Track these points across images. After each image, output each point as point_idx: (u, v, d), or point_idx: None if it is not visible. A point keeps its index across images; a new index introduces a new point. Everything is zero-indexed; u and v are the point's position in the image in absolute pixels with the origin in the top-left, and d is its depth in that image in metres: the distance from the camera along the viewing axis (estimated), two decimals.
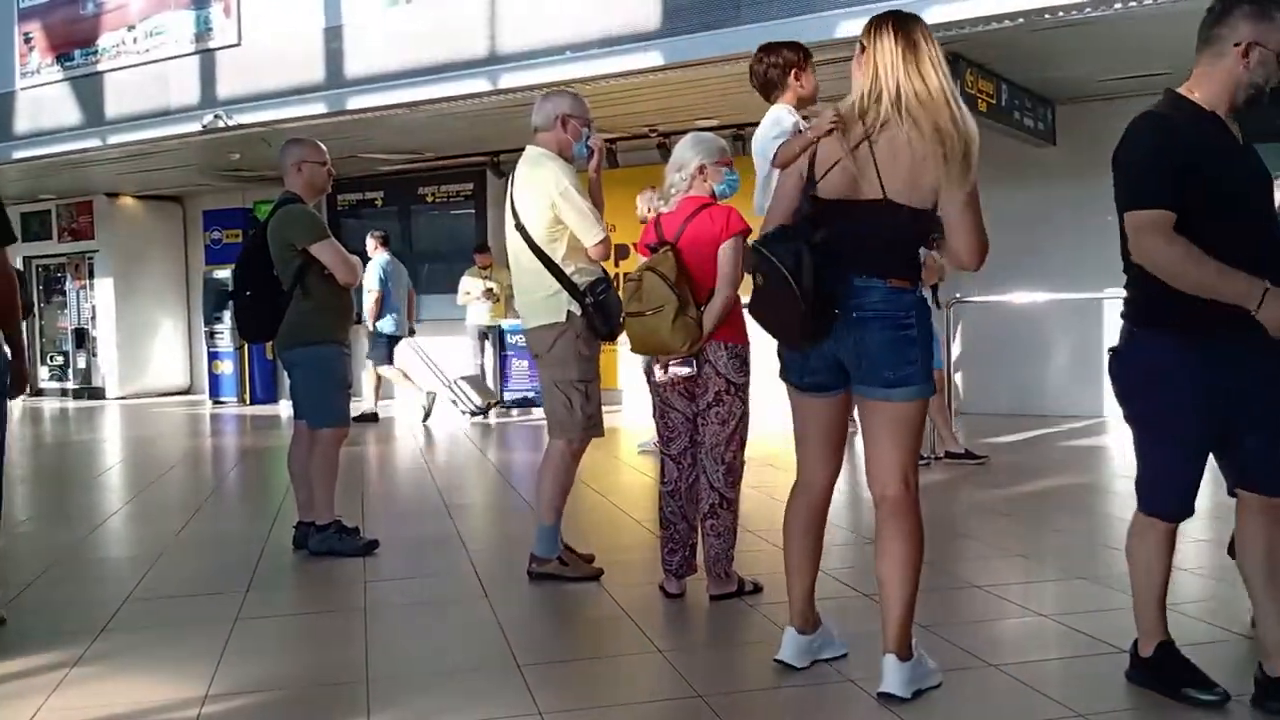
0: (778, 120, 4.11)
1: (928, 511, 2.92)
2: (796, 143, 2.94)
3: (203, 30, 10.11)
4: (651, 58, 7.56)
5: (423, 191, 12.73)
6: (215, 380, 13.33)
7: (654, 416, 3.98)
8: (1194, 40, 2.87)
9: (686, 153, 3.87)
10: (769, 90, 4.27)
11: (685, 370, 3.74)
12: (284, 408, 11.70)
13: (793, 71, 4.20)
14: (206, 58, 10.07)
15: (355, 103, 9.09)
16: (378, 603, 3.98)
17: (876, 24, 2.80)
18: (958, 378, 8.22)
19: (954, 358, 7.32)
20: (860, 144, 2.72)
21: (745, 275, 3.34)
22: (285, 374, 5.04)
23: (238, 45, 9.92)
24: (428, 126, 9.92)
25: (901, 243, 2.79)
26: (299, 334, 4.69)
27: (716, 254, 3.70)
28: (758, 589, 3.88)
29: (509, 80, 8.31)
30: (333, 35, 9.24)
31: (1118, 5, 6.41)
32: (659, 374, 3.81)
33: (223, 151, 11.09)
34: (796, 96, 4.21)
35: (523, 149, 4.29)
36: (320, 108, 9.26)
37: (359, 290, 6.79)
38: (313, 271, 4.63)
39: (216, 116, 9.70)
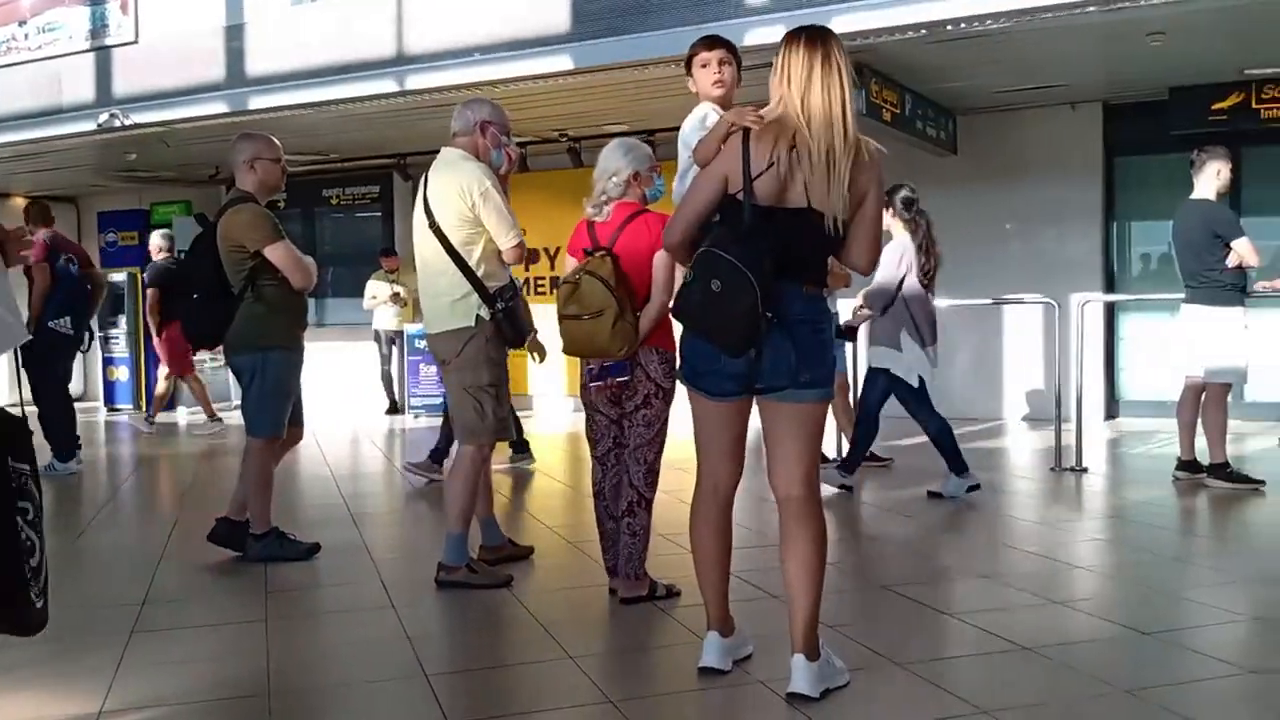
0: (705, 117, 4.11)
1: (834, 513, 2.96)
2: (711, 138, 2.95)
3: (98, 27, 9.76)
4: (561, 61, 7.54)
5: (327, 194, 12.51)
6: (110, 387, 12.87)
7: (585, 420, 4.01)
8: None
9: (619, 160, 3.88)
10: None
11: (617, 376, 3.78)
12: (182, 416, 11.34)
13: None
14: (102, 55, 9.73)
15: (257, 103, 8.87)
16: (280, 613, 3.87)
17: (790, 38, 2.85)
18: (861, 381, 8.34)
19: (859, 361, 7.43)
20: (789, 151, 2.75)
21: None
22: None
23: (135, 43, 9.60)
24: (333, 128, 9.74)
25: (822, 249, 2.85)
26: (248, 339, 4.55)
27: (652, 260, 3.74)
28: (672, 593, 3.88)
29: (416, 82, 8.20)
30: (234, 34, 9.01)
31: (1016, 19, 6.60)
32: (591, 379, 3.83)
33: (119, 151, 10.74)
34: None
35: (431, 151, 4.24)
36: (221, 107, 9.02)
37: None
38: (265, 274, 4.51)
39: (112, 115, 9.38)
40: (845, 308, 6.86)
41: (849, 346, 6.98)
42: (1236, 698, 2.93)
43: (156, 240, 9.85)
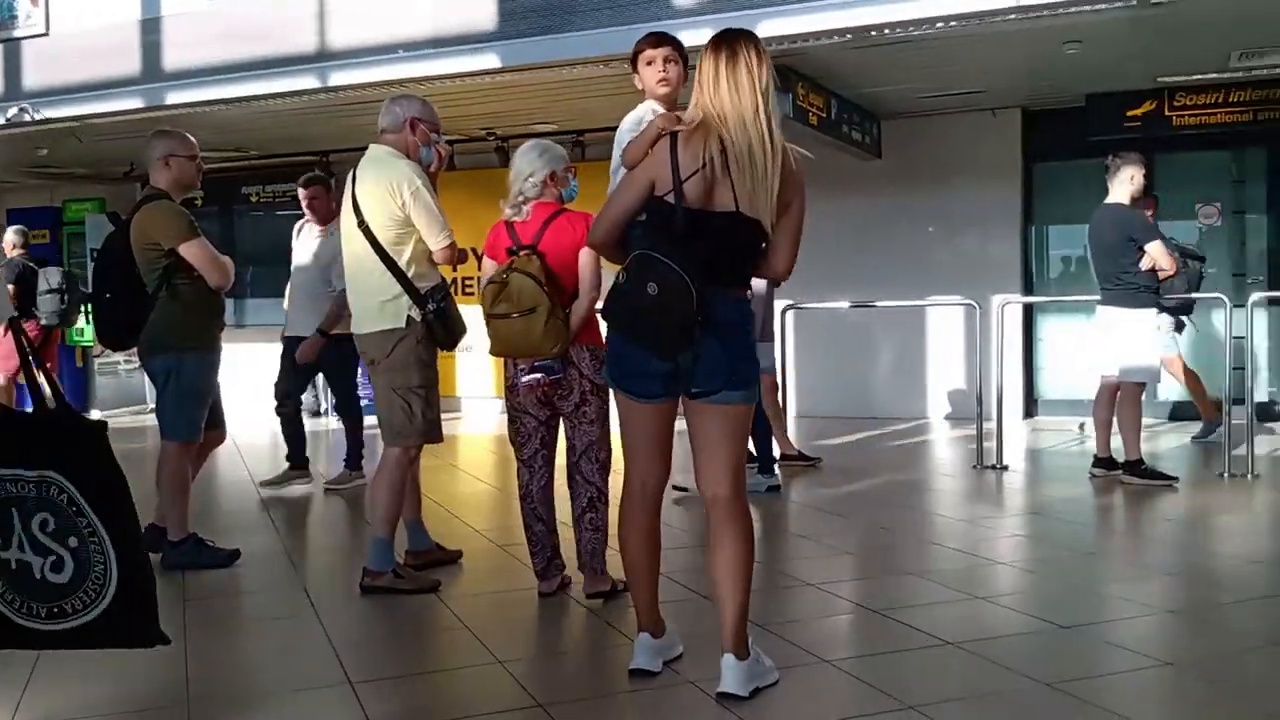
0: (641, 119, 4.09)
1: (763, 513, 2.98)
2: (641, 140, 2.95)
3: (6, 18, 9.41)
4: (487, 60, 7.48)
5: (247, 191, 12.21)
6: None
7: (508, 423, 3.98)
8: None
9: (535, 161, 3.87)
10: None
11: (550, 374, 3.76)
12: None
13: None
14: (11, 47, 9.37)
15: (174, 98, 8.63)
16: (198, 621, 3.76)
17: (712, 42, 2.86)
18: (791, 382, 8.45)
19: (788, 363, 7.50)
20: (721, 154, 2.75)
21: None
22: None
23: (45, 35, 9.28)
24: (253, 124, 9.54)
25: (748, 252, 2.85)
26: (164, 340, 4.42)
27: (577, 258, 3.75)
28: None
29: (340, 78, 8.06)
30: (150, 27, 8.75)
31: (937, 26, 6.72)
32: (523, 378, 3.80)
33: (29, 147, 10.38)
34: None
35: (356, 149, 4.16)
36: (136, 102, 8.75)
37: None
38: (181, 273, 4.38)
39: (22, 110, 9.05)
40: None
41: (777, 348, 7.03)
42: (1152, 689, 3.01)
43: (10, 237, 9.60)
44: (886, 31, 6.84)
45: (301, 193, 6.61)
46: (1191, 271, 7.55)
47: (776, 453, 7.02)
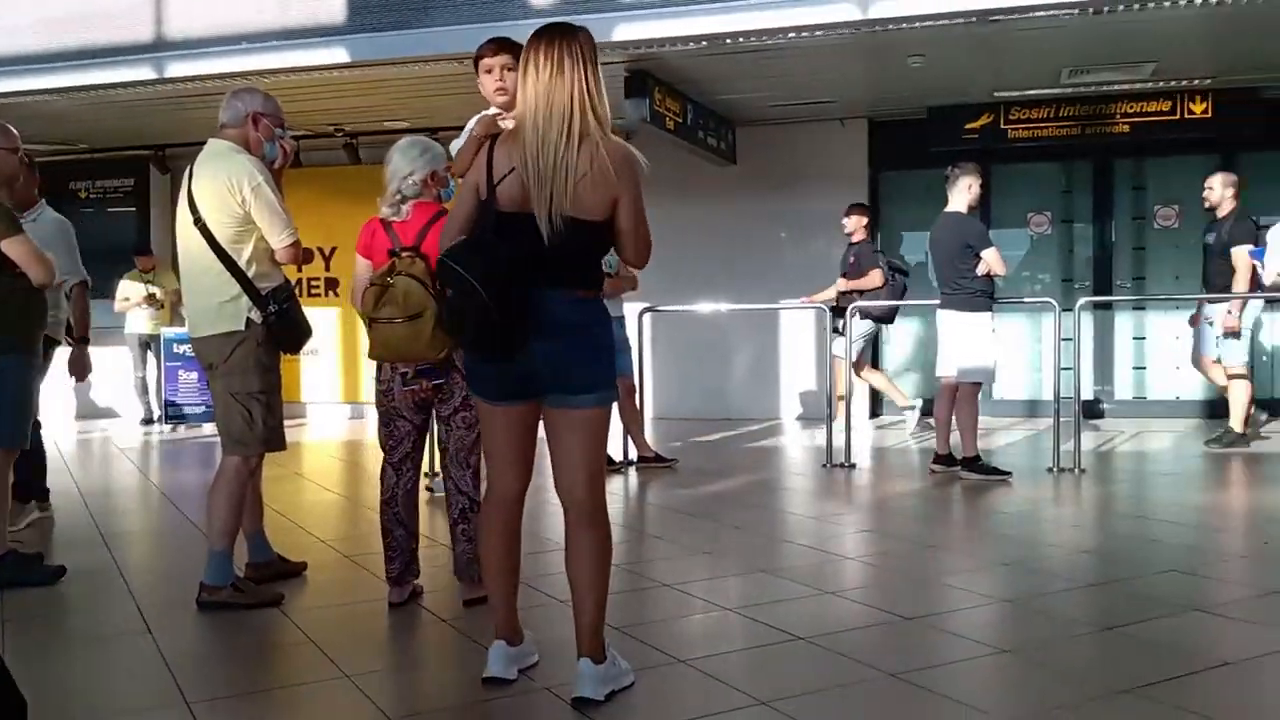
0: (469, 127, 4.04)
1: (619, 515, 2.96)
2: (466, 147, 2.92)
3: None
4: (337, 54, 7.27)
5: (75, 186, 11.54)
6: None
7: (379, 426, 3.87)
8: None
9: (416, 159, 3.77)
10: None
11: (432, 380, 3.70)
12: None
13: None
14: None
15: None
16: (20, 643, 3.50)
17: (534, 38, 2.80)
18: (649, 384, 8.50)
19: (646, 365, 7.54)
20: (534, 155, 2.71)
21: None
22: None
23: None
24: (83, 115, 9.02)
25: (582, 253, 2.80)
26: None
27: None
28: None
29: (178, 69, 7.71)
30: None
31: (790, 35, 6.88)
32: (404, 385, 3.72)
33: None
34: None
35: (194, 143, 3.97)
36: None
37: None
38: (4, 270, 4.08)
39: None
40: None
41: (634, 351, 7.06)
42: (991, 676, 3.13)
43: None
44: (740, 40, 6.96)
45: None
46: (897, 285, 8.08)
47: (633, 454, 7.06)
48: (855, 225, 8.54)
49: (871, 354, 9.04)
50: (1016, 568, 4.38)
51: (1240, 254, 7.10)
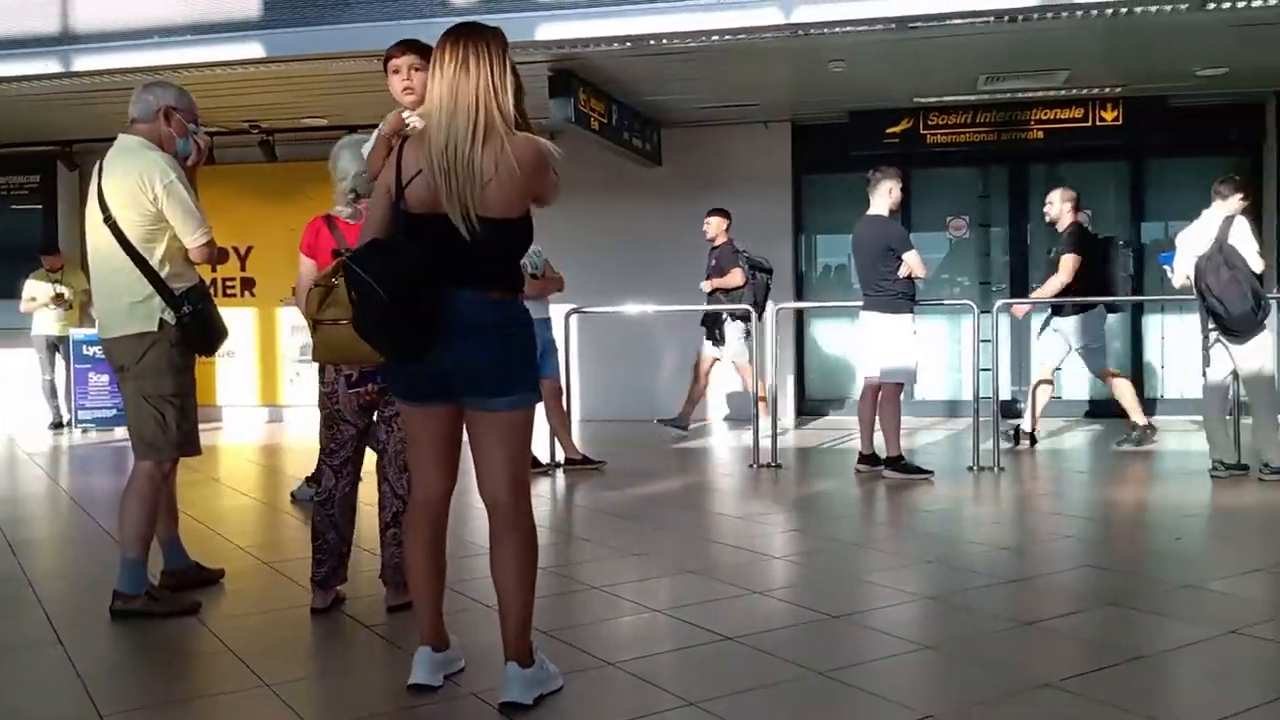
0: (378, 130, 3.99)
1: (547, 518, 2.93)
2: (376, 149, 2.88)
3: None
4: (251, 49, 7.10)
5: None
6: None
7: (321, 428, 3.80)
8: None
9: (366, 157, 3.69)
10: None
11: (376, 383, 3.65)
12: None
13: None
14: None
15: None
16: None
17: (442, 38, 2.76)
18: (576, 386, 8.47)
19: (573, 367, 7.51)
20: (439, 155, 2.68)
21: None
22: None
23: None
24: None
25: (496, 253, 2.76)
26: None
27: None
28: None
29: (85, 63, 7.45)
30: None
31: (714, 38, 6.91)
32: (348, 388, 3.66)
33: None
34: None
35: (103, 139, 3.85)
36: None
37: None
38: None
39: None
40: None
41: (560, 354, 7.02)
42: (915, 672, 3.17)
43: None
44: (664, 41, 6.98)
45: None
46: (759, 282, 8.23)
47: (561, 457, 7.02)
48: (716, 230, 8.54)
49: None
50: (939, 565, 4.45)
51: (1068, 261, 7.37)
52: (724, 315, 8.29)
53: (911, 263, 6.44)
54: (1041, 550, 4.76)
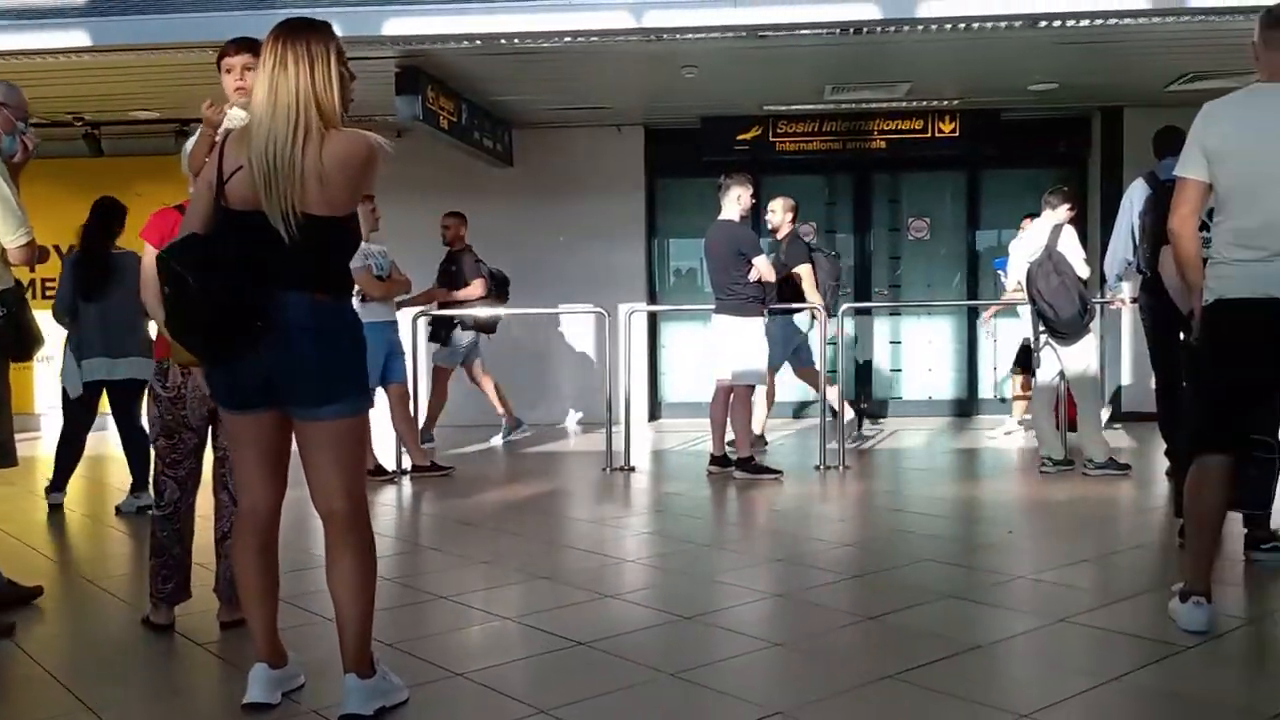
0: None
1: (392, 527, 2.84)
2: (198, 145, 2.75)
3: None
4: (75, 37, 6.70)
5: None
6: None
7: (154, 434, 3.55)
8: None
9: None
10: None
11: None
12: None
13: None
14: None
15: None
16: None
17: (269, 35, 2.66)
18: (424, 391, 8.28)
19: (420, 371, 7.35)
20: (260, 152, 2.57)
21: None
22: None
23: None
24: None
25: (318, 253, 2.65)
26: None
27: None
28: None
29: None
30: None
31: (566, 39, 6.88)
32: (191, 389, 3.44)
33: None
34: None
35: None
36: None
37: None
38: None
39: None
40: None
41: (409, 357, 6.86)
42: (765, 669, 3.21)
43: None
44: (515, 41, 6.91)
45: None
46: (502, 294, 8.37)
47: (408, 464, 6.86)
48: (453, 234, 8.38)
49: (481, 363, 8.78)
50: (787, 563, 4.53)
51: (805, 271, 7.69)
52: (455, 320, 8.12)
53: (762, 267, 6.56)
54: (883, 547, 4.89)
